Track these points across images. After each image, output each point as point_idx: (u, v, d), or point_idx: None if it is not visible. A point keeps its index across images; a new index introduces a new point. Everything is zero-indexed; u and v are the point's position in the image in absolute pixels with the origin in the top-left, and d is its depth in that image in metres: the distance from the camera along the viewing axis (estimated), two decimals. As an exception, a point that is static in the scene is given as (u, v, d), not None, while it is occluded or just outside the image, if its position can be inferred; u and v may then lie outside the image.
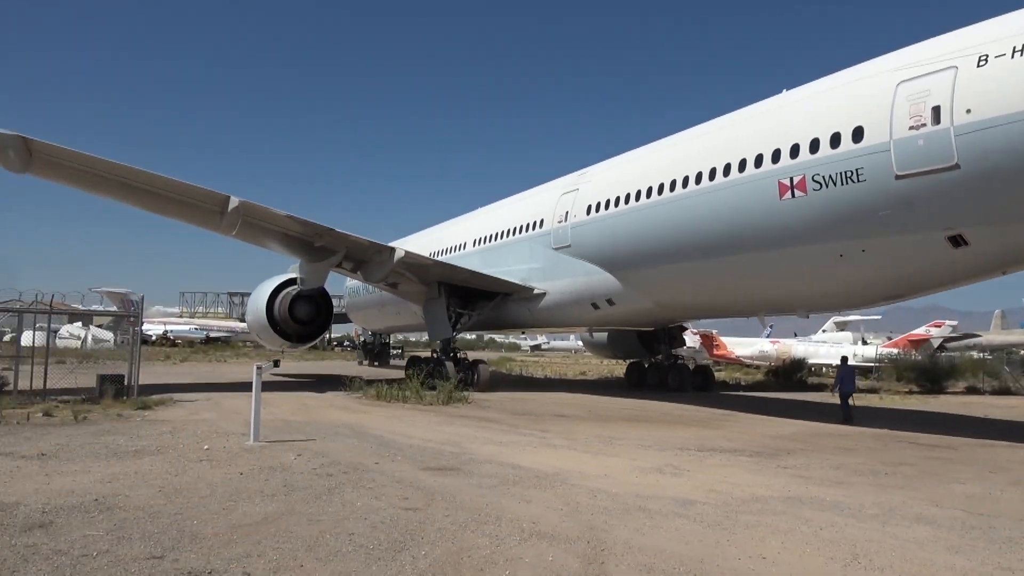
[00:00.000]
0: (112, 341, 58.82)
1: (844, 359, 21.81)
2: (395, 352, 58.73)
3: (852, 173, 15.89)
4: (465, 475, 9.91)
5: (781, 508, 8.26)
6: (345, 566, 5.88)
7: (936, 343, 49.85)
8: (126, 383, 18.96)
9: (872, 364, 43.82)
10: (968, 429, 17.29)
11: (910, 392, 33.27)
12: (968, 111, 13.95)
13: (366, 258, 27.32)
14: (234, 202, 22.74)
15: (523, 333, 53.52)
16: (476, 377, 26.88)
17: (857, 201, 15.95)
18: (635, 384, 32.56)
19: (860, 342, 53.72)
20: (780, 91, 20.58)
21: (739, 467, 11.15)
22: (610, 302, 24.95)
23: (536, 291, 27.59)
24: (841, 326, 63.59)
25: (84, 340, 56.98)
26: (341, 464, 10.49)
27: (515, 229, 29.95)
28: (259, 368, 13.81)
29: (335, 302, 39.73)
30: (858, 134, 15.94)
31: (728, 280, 20.59)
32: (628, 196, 22.96)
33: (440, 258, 33.81)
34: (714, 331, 51.83)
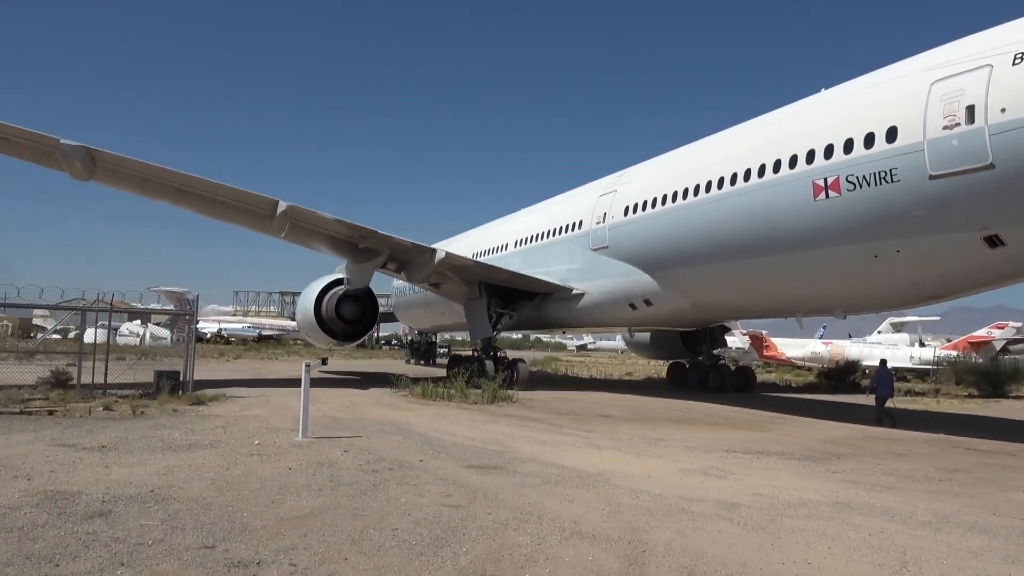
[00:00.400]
0: (169, 338, 60.71)
1: (883, 362, 21.43)
2: (442, 351, 59.20)
3: (886, 173, 15.79)
4: (508, 474, 9.97)
5: (829, 513, 8.09)
6: (388, 560, 5.99)
7: (999, 345, 48.03)
8: (181, 379, 19.55)
9: (930, 367, 42.50)
10: (1031, 435, 16.64)
11: (969, 396, 32.15)
12: (1003, 110, 13.76)
13: (409, 259, 27.93)
14: (282, 206, 23.57)
15: (564, 332, 53.83)
16: (516, 375, 27.17)
17: (891, 201, 15.85)
18: (676, 384, 32.53)
19: (917, 344, 52.10)
20: (819, 90, 20.41)
21: (786, 471, 10.96)
22: (647, 302, 25.09)
23: (575, 291, 27.85)
24: (898, 327, 61.70)
25: (142, 337, 58.93)
26: (386, 461, 10.66)
27: (555, 230, 30.28)
28: (308, 366, 14.10)
29: (382, 302, 40.32)
30: (892, 134, 15.85)
31: (764, 281, 20.58)
32: (665, 197, 23.08)
33: (483, 258, 34.37)
34: (764, 332, 50.89)
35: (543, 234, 31.31)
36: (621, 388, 30.54)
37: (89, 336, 23.48)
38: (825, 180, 17.19)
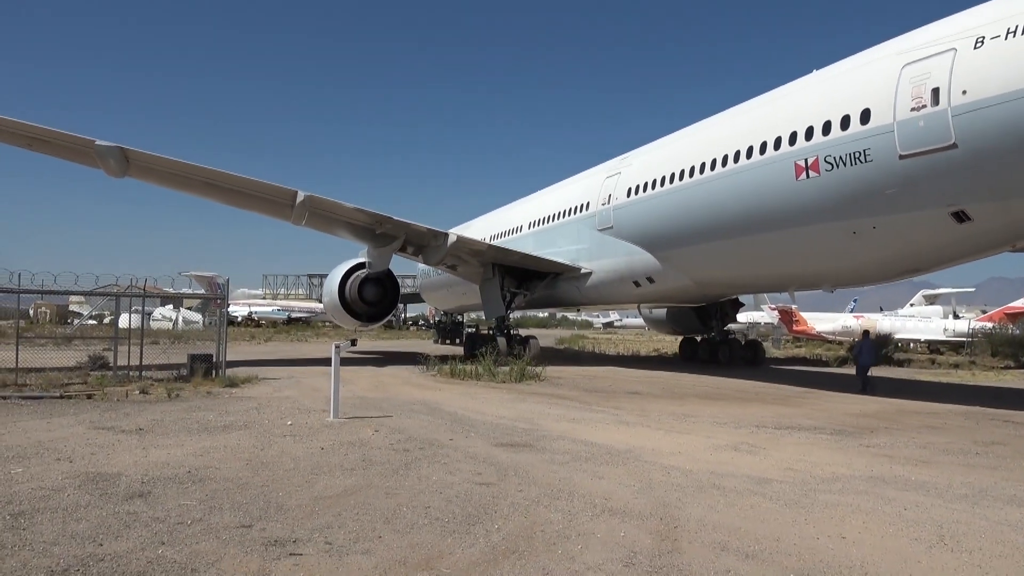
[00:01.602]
0: (201, 322, 61.65)
1: (866, 332, 22.33)
2: (470, 331, 59.53)
3: (860, 154, 16.49)
4: (537, 451, 10.01)
5: (863, 487, 8.01)
6: (421, 538, 6.05)
7: (1037, 316, 47.01)
8: (214, 362, 19.85)
9: (964, 339, 41.76)
10: (1070, 407, 16.29)
11: (1006, 368, 31.56)
12: (964, 92, 14.33)
13: (425, 243, 28.92)
14: (301, 196, 24.69)
15: (579, 311, 54.65)
16: (527, 351, 27.78)
17: (865, 180, 16.54)
18: (688, 358, 33.36)
19: (951, 316, 51.18)
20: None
21: (818, 445, 10.86)
22: (650, 280, 25.96)
23: (583, 270, 28.82)
24: (931, 300, 60.72)
25: (175, 322, 59.92)
26: (417, 440, 10.76)
27: (565, 212, 31.25)
28: (337, 347, 14.25)
29: (408, 283, 40.49)
30: (865, 116, 16.50)
31: (756, 257, 21.39)
32: (663, 179, 23.93)
33: (499, 240, 35.85)
34: (793, 306, 50.29)
35: (554, 215, 32.30)
36: (647, 364, 30.48)
37: (124, 321, 23.95)
38: (806, 161, 17.97)
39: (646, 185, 24.98)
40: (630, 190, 25.94)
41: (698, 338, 33.77)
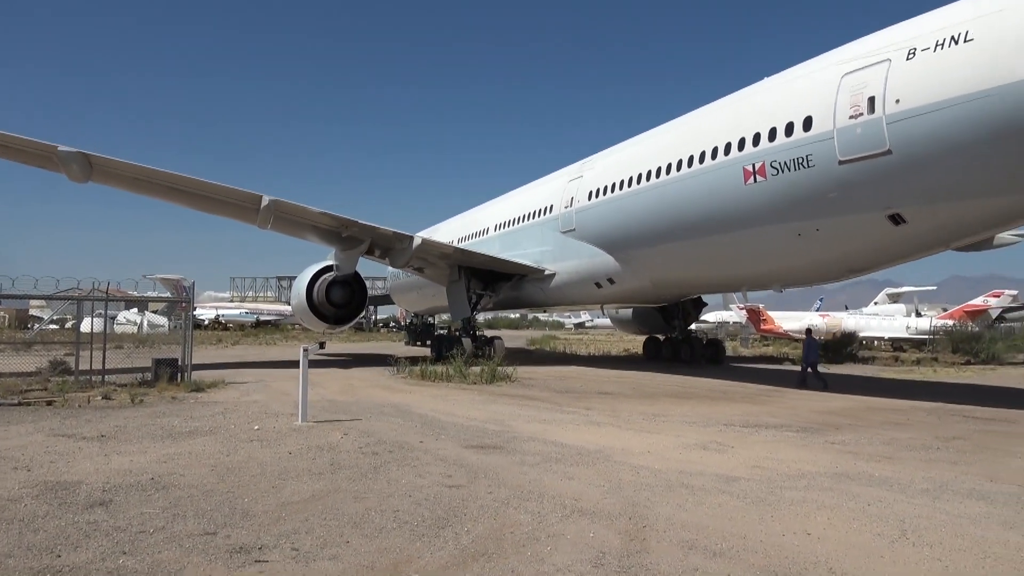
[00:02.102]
0: (166, 326, 60.57)
1: (808, 331, 23.31)
2: (441, 332, 59.29)
3: (803, 159, 17.20)
4: (508, 453, 9.99)
5: (827, 484, 8.13)
6: (390, 542, 6.00)
7: (995, 314, 48.31)
8: (180, 366, 19.51)
9: (926, 336, 42.70)
10: (1027, 402, 16.74)
11: (966, 363, 32.33)
12: (898, 101, 15.07)
13: (390, 246, 29.25)
14: (265, 200, 24.84)
15: (546, 311, 55.37)
16: (492, 351, 28.08)
17: (808, 185, 17.25)
18: (651, 357, 34.20)
19: (914, 314, 52.32)
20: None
21: (785, 443, 11.01)
22: (611, 281, 26.56)
23: (547, 272, 29.37)
24: (894, 298, 62.04)
25: (140, 326, 58.80)
26: (386, 443, 10.67)
27: (529, 214, 31.80)
28: (306, 350, 14.06)
29: (379, 284, 40.31)
30: (808, 123, 17.22)
31: (708, 259, 22.13)
32: (622, 183, 24.57)
33: (467, 242, 36.35)
34: (761, 305, 51.03)
35: (519, 218, 32.79)
36: (618, 365, 30.67)
37: (86, 325, 23.43)
38: (753, 166, 18.65)
39: (606, 188, 25.53)
40: (591, 193, 26.46)
41: (661, 337, 34.48)
